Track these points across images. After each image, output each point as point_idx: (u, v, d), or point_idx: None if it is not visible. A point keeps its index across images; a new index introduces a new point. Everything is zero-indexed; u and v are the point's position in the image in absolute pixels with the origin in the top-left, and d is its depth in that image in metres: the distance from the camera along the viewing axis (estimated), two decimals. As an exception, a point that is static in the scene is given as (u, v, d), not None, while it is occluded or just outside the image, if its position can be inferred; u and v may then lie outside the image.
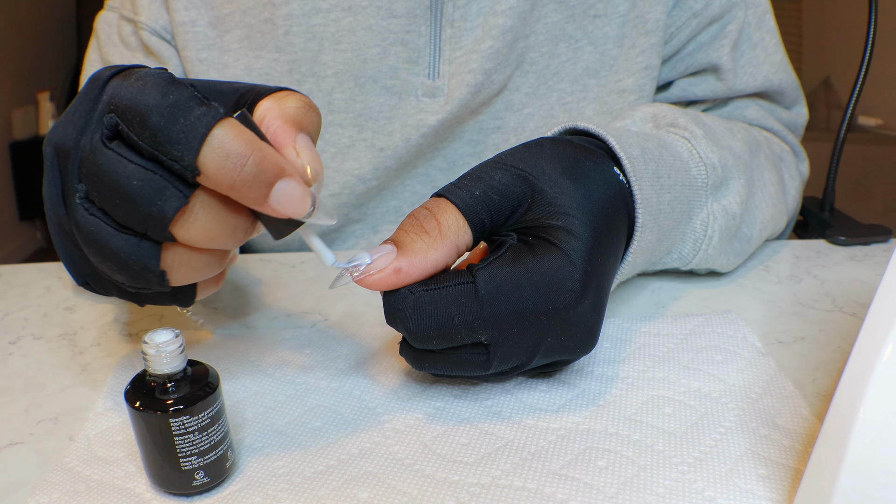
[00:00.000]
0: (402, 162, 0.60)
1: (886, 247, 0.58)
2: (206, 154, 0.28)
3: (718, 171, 0.46)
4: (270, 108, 0.32)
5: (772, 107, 0.64)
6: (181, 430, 0.30)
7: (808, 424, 0.35)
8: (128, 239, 0.30)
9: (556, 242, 0.34)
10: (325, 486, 0.32)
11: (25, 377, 0.42)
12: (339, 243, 0.64)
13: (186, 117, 0.28)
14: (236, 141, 0.28)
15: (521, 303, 0.33)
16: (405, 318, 0.33)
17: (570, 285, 0.34)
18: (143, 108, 0.28)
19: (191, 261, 0.32)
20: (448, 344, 0.34)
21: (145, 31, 0.59)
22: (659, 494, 0.31)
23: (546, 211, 0.35)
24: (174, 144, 0.28)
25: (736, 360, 0.41)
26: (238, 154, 0.28)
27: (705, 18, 0.59)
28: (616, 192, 0.38)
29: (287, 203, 0.30)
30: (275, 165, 0.29)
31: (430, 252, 0.34)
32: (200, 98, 0.29)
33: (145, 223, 0.29)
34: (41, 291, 0.54)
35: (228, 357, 0.43)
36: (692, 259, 0.47)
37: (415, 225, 0.34)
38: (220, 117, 0.28)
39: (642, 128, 0.49)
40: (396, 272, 0.33)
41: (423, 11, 0.56)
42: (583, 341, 0.36)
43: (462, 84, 0.57)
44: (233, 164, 0.28)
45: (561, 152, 0.38)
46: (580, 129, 0.43)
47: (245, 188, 0.29)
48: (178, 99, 0.28)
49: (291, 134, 0.31)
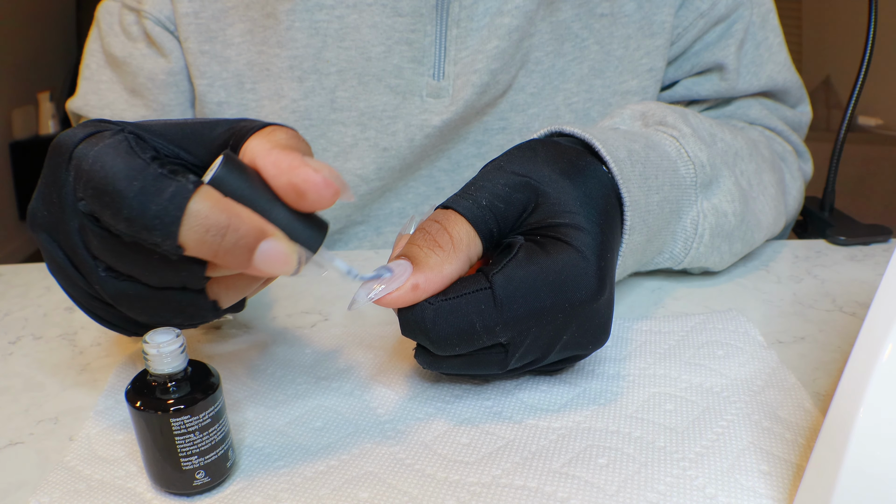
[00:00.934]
0: (405, 162, 0.60)
1: (886, 247, 0.58)
2: (185, 234, 0.27)
3: (707, 169, 0.46)
4: (261, 143, 0.31)
5: (776, 105, 0.64)
6: (182, 429, 0.30)
7: (810, 417, 0.35)
8: (171, 294, 0.31)
9: (567, 239, 0.34)
10: (326, 486, 0.32)
11: (25, 377, 0.42)
12: (341, 245, 0.64)
13: (157, 202, 0.27)
14: (213, 213, 0.28)
15: (538, 302, 0.33)
16: (426, 329, 0.33)
17: (587, 281, 0.34)
18: (113, 200, 0.27)
19: (235, 283, 0.32)
20: (469, 349, 0.34)
21: (149, 21, 0.58)
22: (660, 492, 0.31)
23: (550, 211, 0.35)
24: (151, 232, 0.27)
25: (738, 354, 0.41)
26: (217, 226, 0.28)
27: (712, 18, 0.59)
28: (610, 191, 0.39)
29: (272, 263, 0.29)
30: (254, 229, 0.28)
31: (446, 266, 0.33)
32: (167, 174, 0.28)
33: (181, 283, 0.30)
34: (41, 291, 0.54)
35: (229, 357, 0.43)
36: (684, 258, 0.47)
37: (428, 240, 0.34)
38: (190, 193, 0.27)
39: (631, 126, 0.49)
40: (414, 289, 0.33)
41: (428, 11, 0.56)
42: (596, 336, 0.36)
43: (467, 84, 0.57)
44: (212, 237, 0.28)
45: (554, 153, 0.38)
46: (566, 132, 0.42)
47: (227, 256, 0.28)
48: (145, 183, 0.27)
49: (298, 157, 0.30)
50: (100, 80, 0.61)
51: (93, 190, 0.28)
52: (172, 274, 0.30)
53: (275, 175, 0.29)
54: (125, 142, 0.29)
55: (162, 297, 0.31)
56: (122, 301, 0.31)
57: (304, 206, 0.30)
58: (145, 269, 0.30)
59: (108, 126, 0.30)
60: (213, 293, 0.32)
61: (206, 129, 0.33)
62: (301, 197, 0.29)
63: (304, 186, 0.29)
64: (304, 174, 0.29)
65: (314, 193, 0.29)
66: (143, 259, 0.29)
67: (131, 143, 0.29)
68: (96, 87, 0.61)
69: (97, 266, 0.31)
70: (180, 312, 0.32)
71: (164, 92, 0.60)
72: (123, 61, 0.60)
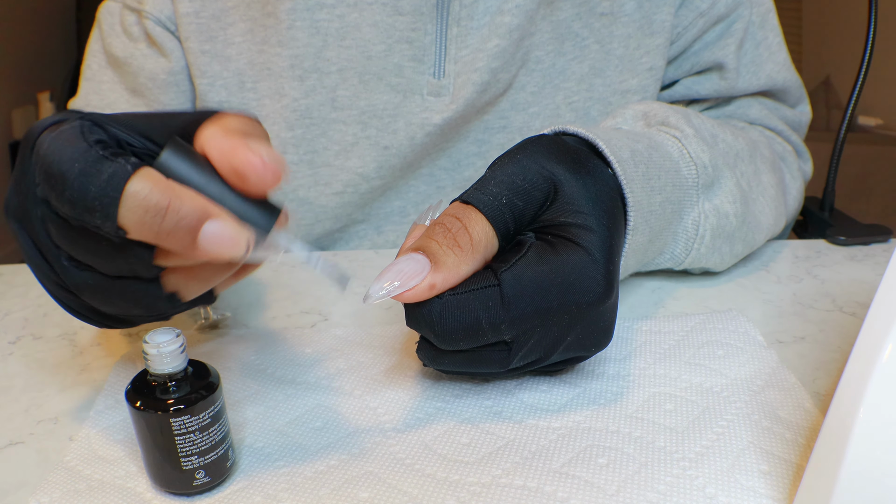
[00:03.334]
0: (406, 161, 0.60)
1: (886, 247, 0.58)
2: (124, 215, 0.27)
3: (709, 170, 0.46)
4: (211, 129, 0.30)
5: (776, 105, 0.64)
6: (182, 429, 0.30)
7: (810, 417, 0.35)
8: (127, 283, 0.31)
9: (577, 241, 0.34)
10: (326, 486, 0.32)
11: (25, 377, 0.42)
12: (342, 244, 0.64)
13: (96, 183, 0.27)
14: (152, 194, 0.27)
15: (545, 302, 0.33)
16: (432, 322, 0.33)
17: (596, 283, 0.34)
18: (57, 182, 0.28)
19: (197, 274, 0.32)
20: (473, 344, 0.34)
21: (150, 21, 0.58)
22: (660, 492, 0.31)
23: (562, 209, 0.35)
24: (92, 213, 0.27)
25: (738, 354, 0.41)
26: (156, 207, 0.27)
27: (711, 18, 0.59)
28: (615, 192, 0.38)
29: (217, 244, 0.28)
30: (197, 210, 0.28)
31: (463, 267, 0.33)
32: (107, 156, 0.28)
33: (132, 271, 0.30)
34: (41, 291, 0.54)
35: (229, 357, 0.43)
36: (685, 259, 0.47)
37: (447, 237, 0.34)
38: (128, 174, 0.27)
39: (633, 126, 0.49)
40: (431, 288, 0.33)
41: (429, 9, 0.56)
42: (599, 339, 0.36)
43: (468, 83, 0.57)
44: (152, 217, 0.27)
45: (566, 150, 0.38)
46: (569, 132, 0.42)
47: (170, 238, 0.28)
48: (85, 165, 0.27)
49: (240, 140, 0.29)
50: (101, 81, 0.61)
51: (43, 174, 0.28)
52: (122, 261, 0.29)
53: (218, 160, 0.29)
54: (77, 128, 0.29)
55: (119, 287, 0.31)
56: (84, 291, 0.31)
57: (248, 188, 0.30)
58: (96, 255, 0.30)
59: (71, 115, 0.30)
60: (172, 284, 0.31)
61: (169, 118, 0.33)
62: (243, 180, 0.29)
63: (243, 168, 0.29)
64: (242, 156, 0.29)
65: (254, 175, 0.29)
66: (93, 245, 0.29)
67: (83, 129, 0.29)
68: (97, 87, 0.62)
69: (60, 255, 0.31)
70: (136, 303, 0.31)
71: (165, 92, 0.60)
72: (124, 61, 0.60)
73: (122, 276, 0.31)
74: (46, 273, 0.32)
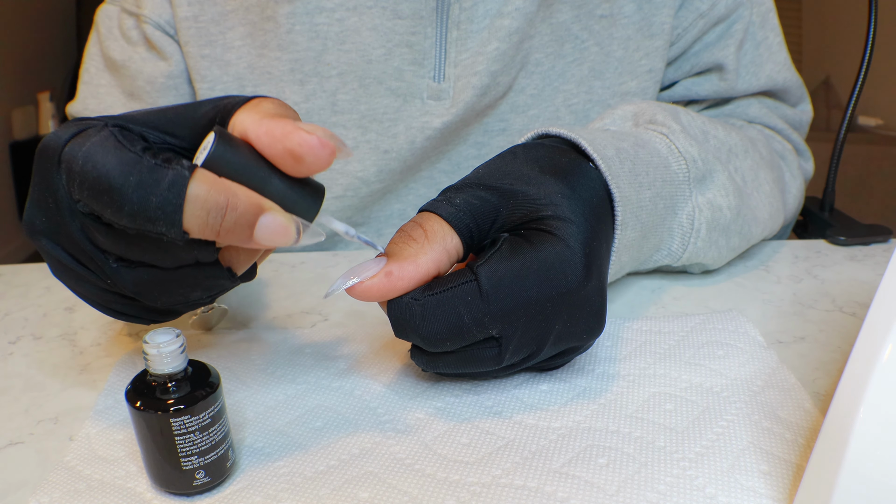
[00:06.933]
0: (406, 165, 0.60)
1: (886, 247, 0.58)
2: (188, 220, 0.28)
3: (699, 164, 0.46)
4: (249, 115, 0.31)
5: (776, 104, 0.64)
6: (182, 429, 0.30)
7: (810, 418, 0.35)
8: (185, 271, 0.31)
9: (550, 230, 0.35)
10: (326, 486, 0.32)
11: (25, 377, 0.42)
12: (342, 246, 0.64)
13: (157, 193, 0.27)
14: (211, 195, 0.28)
15: (525, 292, 0.33)
16: (416, 325, 0.34)
17: (573, 268, 0.34)
18: (112, 199, 0.27)
19: (245, 248, 0.33)
20: (461, 343, 0.34)
21: (148, 25, 0.58)
22: (660, 492, 0.31)
23: (533, 206, 0.36)
24: (155, 223, 0.28)
25: (738, 354, 0.41)
26: (216, 207, 0.28)
27: (712, 19, 0.59)
28: (600, 187, 0.39)
29: (272, 236, 0.30)
30: (252, 205, 0.29)
31: (420, 256, 0.34)
32: (161, 163, 0.28)
33: (193, 259, 0.31)
34: (41, 291, 0.54)
35: (229, 357, 0.43)
36: (682, 254, 0.47)
37: (402, 235, 0.35)
38: (188, 179, 0.28)
39: (622, 126, 0.49)
40: (387, 275, 0.33)
41: (428, 13, 0.56)
42: (590, 325, 0.36)
43: (468, 87, 0.57)
44: (213, 218, 0.28)
45: (535, 155, 0.39)
46: (552, 133, 0.43)
47: (230, 235, 0.29)
48: (141, 176, 0.27)
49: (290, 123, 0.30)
50: (99, 84, 0.61)
51: (89, 191, 0.28)
52: (185, 253, 0.30)
53: (269, 144, 0.29)
54: (111, 137, 0.29)
55: (178, 276, 0.31)
56: (140, 287, 0.31)
57: (302, 170, 0.30)
58: (156, 254, 0.30)
59: (92, 122, 0.30)
60: (226, 260, 0.33)
61: (190, 110, 0.33)
62: (298, 161, 0.29)
63: (300, 150, 0.29)
64: (298, 138, 0.29)
65: (311, 156, 0.29)
66: (153, 245, 0.30)
67: (118, 137, 0.29)
68: (95, 90, 0.62)
69: (107, 259, 0.31)
70: (198, 287, 0.32)
71: (163, 95, 0.60)
72: (122, 65, 0.60)
73: (181, 266, 0.31)
74: (90, 281, 0.32)
